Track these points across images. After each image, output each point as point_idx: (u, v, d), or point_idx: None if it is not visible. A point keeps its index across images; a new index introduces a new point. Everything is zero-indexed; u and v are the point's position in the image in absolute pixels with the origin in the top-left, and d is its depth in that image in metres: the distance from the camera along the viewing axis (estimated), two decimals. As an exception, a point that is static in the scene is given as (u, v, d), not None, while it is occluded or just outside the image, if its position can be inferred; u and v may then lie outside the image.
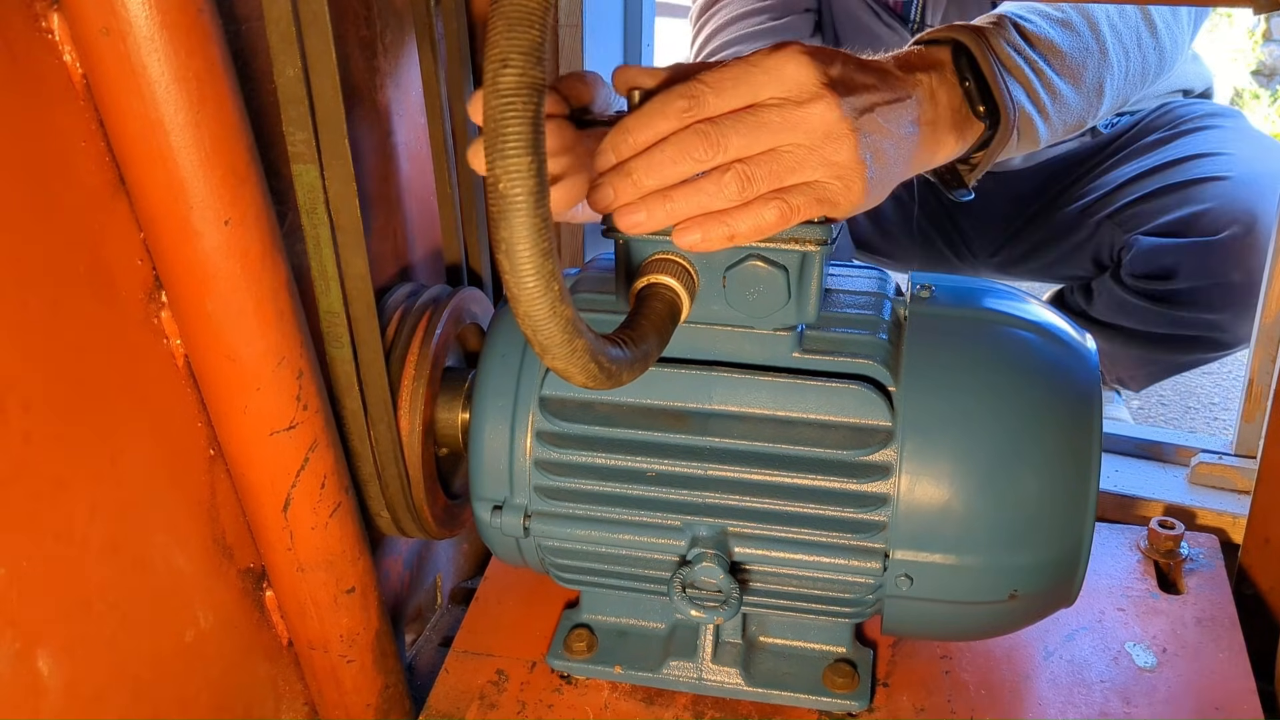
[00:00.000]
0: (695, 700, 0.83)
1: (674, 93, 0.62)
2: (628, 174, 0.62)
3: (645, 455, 0.74)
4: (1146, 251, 1.33)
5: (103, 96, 0.56)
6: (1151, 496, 1.09)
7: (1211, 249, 1.28)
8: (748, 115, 0.62)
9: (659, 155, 0.62)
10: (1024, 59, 0.77)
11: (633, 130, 0.62)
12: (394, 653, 0.82)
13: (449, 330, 0.82)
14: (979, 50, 0.74)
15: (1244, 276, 1.27)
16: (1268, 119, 3.41)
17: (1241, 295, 1.29)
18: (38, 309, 0.55)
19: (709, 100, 0.62)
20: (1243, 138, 1.39)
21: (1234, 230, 1.27)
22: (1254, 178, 1.30)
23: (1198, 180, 1.32)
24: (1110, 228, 1.39)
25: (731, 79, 0.63)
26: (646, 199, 0.63)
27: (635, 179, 0.62)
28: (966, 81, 0.73)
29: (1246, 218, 1.26)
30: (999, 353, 0.72)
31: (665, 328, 0.64)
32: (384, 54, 0.83)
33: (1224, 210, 1.28)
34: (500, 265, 0.50)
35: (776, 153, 0.63)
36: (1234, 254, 1.27)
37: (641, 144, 0.63)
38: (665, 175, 0.62)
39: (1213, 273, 1.29)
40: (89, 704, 0.60)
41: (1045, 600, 0.75)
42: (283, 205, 0.68)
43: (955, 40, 0.75)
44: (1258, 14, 0.77)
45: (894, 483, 0.71)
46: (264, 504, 0.69)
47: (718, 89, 0.62)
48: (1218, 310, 1.32)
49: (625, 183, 0.63)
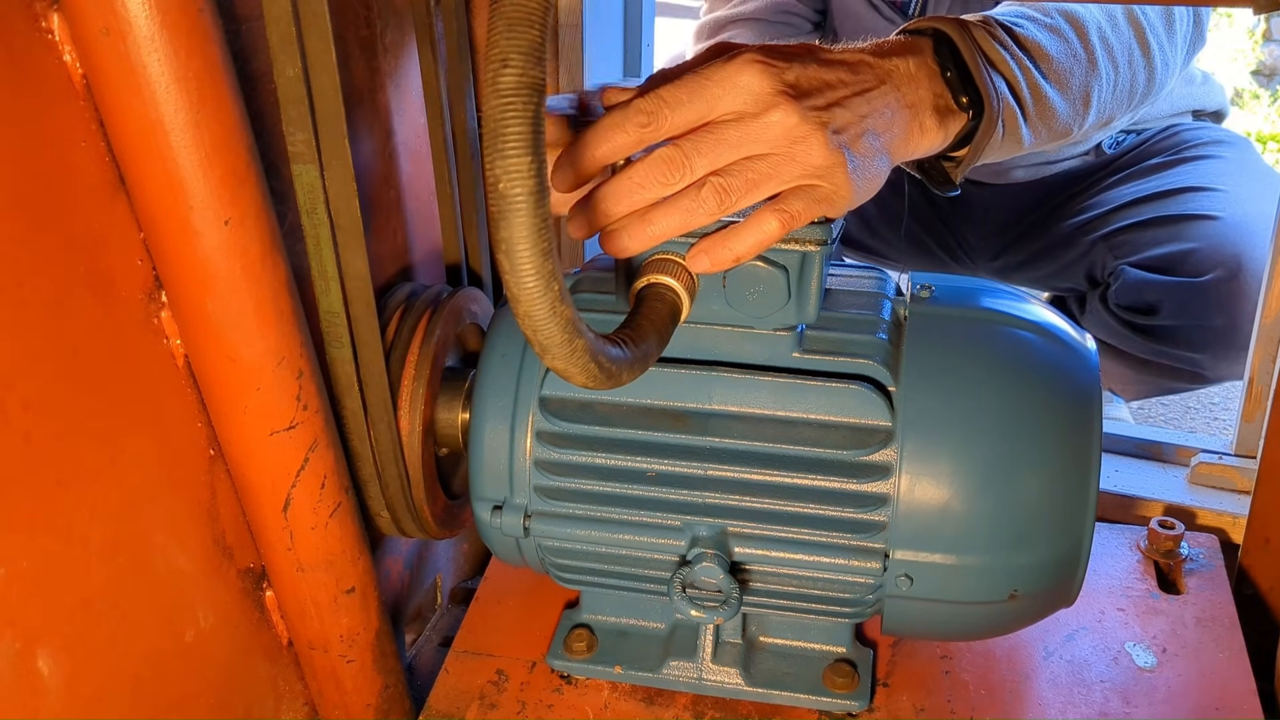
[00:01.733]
0: (695, 700, 0.83)
1: (631, 107, 0.62)
2: (595, 204, 0.63)
3: (645, 455, 0.74)
4: (1132, 285, 1.33)
5: (103, 96, 0.56)
6: (1151, 496, 1.09)
7: (1195, 290, 1.28)
8: (707, 134, 0.62)
9: (625, 183, 0.62)
10: (1009, 54, 0.76)
11: (590, 144, 0.62)
12: (394, 653, 0.82)
13: (449, 330, 0.82)
14: (961, 40, 0.73)
15: (1225, 320, 1.27)
16: (1268, 119, 3.42)
17: (1222, 338, 1.28)
18: (38, 309, 0.55)
19: (665, 116, 0.62)
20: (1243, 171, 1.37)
21: (1218, 274, 1.26)
22: (1245, 220, 1.29)
23: (1189, 216, 1.32)
24: (1103, 249, 1.39)
25: (687, 93, 0.62)
26: (626, 223, 0.63)
27: (604, 208, 0.63)
28: (948, 71, 0.72)
29: (1233, 262, 1.26)
30: (999, 353, 0.72)
31: (665, 328, 0.64)
32: (384, 54, 0.83)
33: (1211, 252, 1.28)
34: (500, 265, 0.50)
35: (747, 162, 0.62)
36: (1217, 298, 1.27)
37: (600, 159, 0.62)
38: (634, 201, 0.62)
39: (1195, 314, 1.29)
40: (89, 704, 0.60)
41: (1045, 600, 0.75)
42: (283, 205, 0.68)
43: (937, 30, 0.74)
44: (1258, 14, 0.77)
45: (894, 483, 0.71)
46: (264, 504, 0.69)
47: (673, 105, 0.62)
48: (1198, 350, 1.32)
49: (595, 213, 0.63)
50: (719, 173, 0.62)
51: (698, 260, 0.65)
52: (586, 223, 0.64)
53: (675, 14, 3.33)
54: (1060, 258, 1.45)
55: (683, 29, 2.78)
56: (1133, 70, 0.87)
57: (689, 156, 0.62)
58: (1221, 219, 1.30)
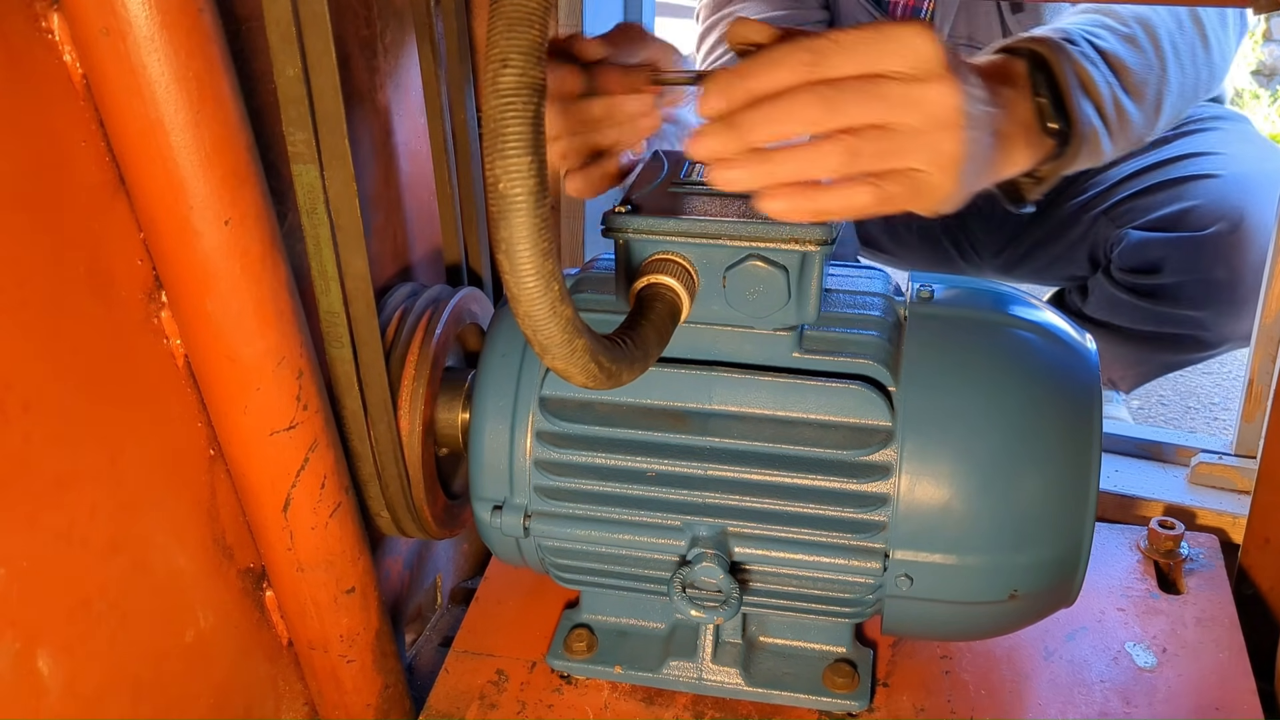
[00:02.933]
0: (695, 700, 0.83)
1: (798, 45, 0.59)
2: (734, 126, 0.60)
3: (645, 455, 0.74)
4: (1135, 245, 1.34)
5: (103, 96, 0.56)
6: (1151, 496, 1.09)
7: (1198, 244, 1.29)
8: (868, 84, 0.59)
9: (771, 111, 0.59)
10: (1099, 73, 0.75)
11: (748, 75, 0.59)
12: (394, 653, 0.82)
13: (449, 330, 0.82)
14: (1059, 65, 0.72)
15: (1228, 274, 1.27)
16: (1268, 119, 3.41)
17: (1225, 292, 1.29)
18: (38, 309, 0.55)
19: (833, 58, 0.59)
20: (1242, 139, 1.39)
21: (1220, 227, 1.27)
22: (1246, 177, 1.30)
23: (1190, 177, 1.32)
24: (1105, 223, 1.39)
25: (861, 41, 0.59)
26: (746, 157, 0.60)
27: (741, 133, 0.60)
28: (1040, 96, 0.72)
29: (1234, 215, 1.27)
30: (999, 353, 0.72)
31: (665, 328, 0.64)
32: (384, 54, 0.83)
33: (1213, 206, 1.28)
34: (500, 265, 0.50)
35: (886, 130, 0.60)
36: (1220, 250, 1.28)
37: (756, 91, 0.60)
38: (773, 133, 0.59)
39: (1198, 268, 1.29)
40: (89, 704, 0.60)
41: (1045, 600, 0.75)
42: (283, 205, 0.68)
43: (1033, 52, 0.73)
44: (1258, 14, 0.77)
45: (894, 483, 0.71)
46: (264, 504, 0.69)
47: (845, 48, 0.59)
48: (1201, 307, 1.32)
49: (730, 134, 0.60)
50: (853, 133, 0.60)
51: (774, 199, 0.61)
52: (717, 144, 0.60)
53: (675, 14, 3.33)
54: (1063, 239, 1.45)
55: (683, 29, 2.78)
56: (1197, 69, 0.87)
57: (843, 100, 0.59)
58: (1223, 175, 1.30)
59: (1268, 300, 1.05)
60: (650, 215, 0.68)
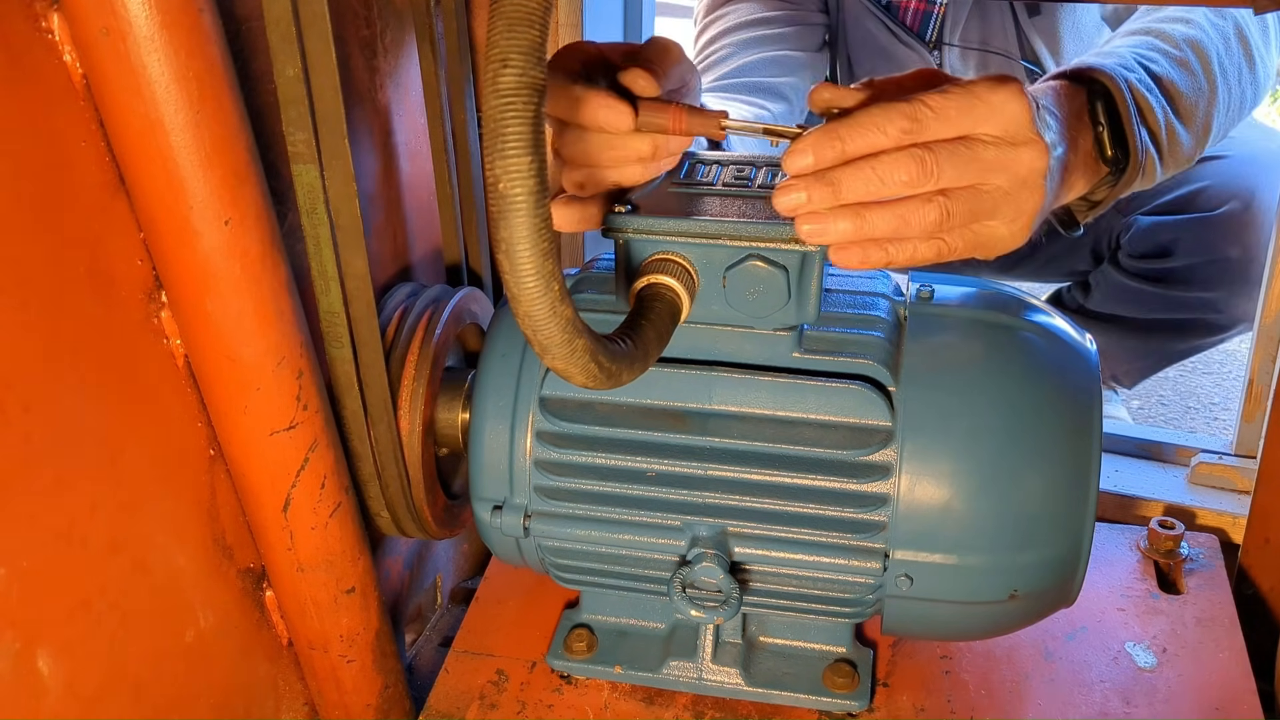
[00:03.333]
0: (695, 700, 0.83)
1: (895, 110, 0.61)
2: (831, 183, 0.61)
3: (645, 455, 0.74)
4: (1146, 230, 1.34)
5: (103, 96, 0.56)
6: (1151, 496, 1.09)
7: (1209, 224, 1.29)
8: (962, 147, 0.61)
9: (869, 171, 0.61)
10: (1156, 102, 0.76)
11: (847, 139, 0.61)
12: (394, 653, 0.82)
13: (449, 330, 0.82)
14: (1120, 95, 0.73)
15: (1241, 252, 1.28)
16: (1268, 119, 3.42)
17: (1238, 272, 1.29)
18: (38, 309, 0.55)
19: (930, 125, 0.61)
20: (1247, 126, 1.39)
21: (1232, 206, 1.28)
22: (1253, 157, 1.31)
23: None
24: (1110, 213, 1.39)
25: (956, 107, 0.61)
26: (839, 212, 0.61)
27: (837, 189, 0.61)
28: (1100, 126, 0.73)
29: (1245, 194, 1.27)
30: (999, 353, 0.72)
31: (665, 328, 0.64)
32: (384, 54, 0.83)
33: (1222, 186, 1.29)
34: (500, 265, 0.50)
35: (977, 191, 0.62)
36: (1232, 229, 1.28)
37: (851, 153, 0.61)
38: (869, 192, 0.61)
39: (1210, 248, 1.30)
40: (89, 704, 0.60)
41: (1045, 600, 0.75)
42: (283, 205, 0.68)
43: (1094, 80, 0.73)
44: (1258, 14, 0.77)
45: (894, 483, 0.71)
46: (264, 504, 0.69)
47: (940, 114, 0.61)
48: (1213, 288, 1.33)
49: (824, 190, 0.61)
50: (947, 194, 0.61)
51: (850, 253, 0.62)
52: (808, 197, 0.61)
53: (675, 14, 3.33)
54: (1066, 235, 1.45)
55: (683, 29, 2.78)
56: (1243, 89, 0.88)
57: (940, 163, 0.60)
58: (1230, 156, 1.31)
59: (1268, 300, 1.05)
60: (650, 215, 0.68)
